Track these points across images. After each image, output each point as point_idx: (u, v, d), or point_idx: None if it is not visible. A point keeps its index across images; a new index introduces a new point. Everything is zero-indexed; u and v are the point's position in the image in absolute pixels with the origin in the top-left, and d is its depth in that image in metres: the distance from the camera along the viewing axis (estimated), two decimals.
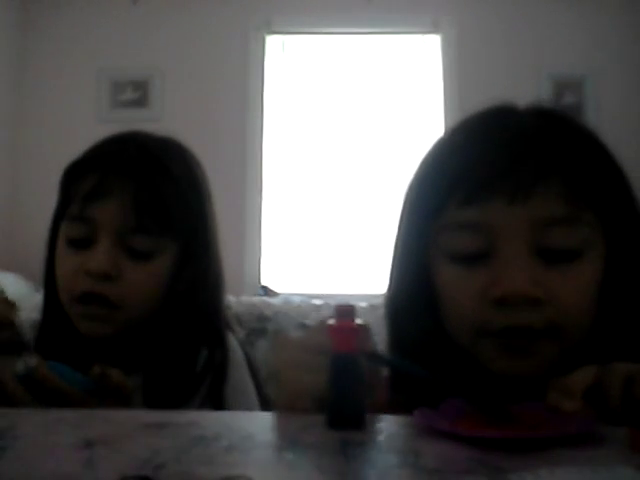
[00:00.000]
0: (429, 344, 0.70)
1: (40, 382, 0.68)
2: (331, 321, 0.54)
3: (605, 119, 3.42)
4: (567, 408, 0.53)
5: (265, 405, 0.92)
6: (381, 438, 0.50)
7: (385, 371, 0.64)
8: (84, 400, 0.69)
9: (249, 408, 0.88)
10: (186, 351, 0.87)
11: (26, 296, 2.72)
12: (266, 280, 3.44)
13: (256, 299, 3.11)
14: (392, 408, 0.70)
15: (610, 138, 0.73)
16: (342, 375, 0.53)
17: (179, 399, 0.83)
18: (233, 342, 0.94)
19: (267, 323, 2.91)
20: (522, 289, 0.62)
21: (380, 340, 0.60)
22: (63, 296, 0.86)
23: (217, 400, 0.86)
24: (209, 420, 0.57)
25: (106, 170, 0.85)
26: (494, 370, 0.66)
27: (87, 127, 3.39)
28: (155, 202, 0.84)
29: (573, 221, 0.65)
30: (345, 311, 0.54)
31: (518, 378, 0.66)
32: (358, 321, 0.54)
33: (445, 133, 0.74)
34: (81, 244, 0.85)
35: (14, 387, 0.68)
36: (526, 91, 3.35)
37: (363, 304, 2.89)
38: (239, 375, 0.91)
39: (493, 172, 0.65)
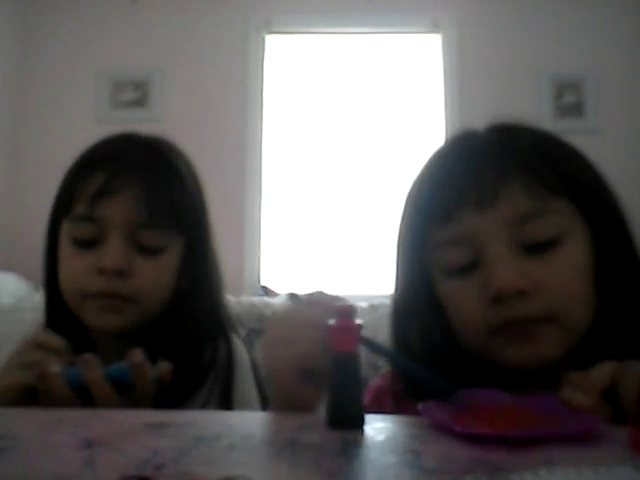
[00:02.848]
0: (433, 347, 0.73)
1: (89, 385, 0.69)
2: (331, 321, 0.54)
3: (605, 119, 3.43)
4: (579, 403, 0.53)
5: (266, 406, 0.92)
6: (381, 438, 0.50)
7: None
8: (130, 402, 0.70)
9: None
10: (191, 346, 0.88)
11: (26, 296, 2.72)
12: (266, 280, 3.44)
13: (256, 299, 3.11)
14: (397, 400, 0.72)
15: (610, 138, 0.74)
16: (342, 375, 0.53)
17: (184, 393, 0.83)
18: (238, 344, 0.95)
19: None
20: (511, 283, 0.66)
21: (380, 340, 0.61)
22: (72, 296, 0.86)
23: (223, 402, 0.87)
24: (209, 420, 0.57)
25: (113, 169, 0.86)
26: (508, 363, 0.68)
27: (87, 127, 3.39)
28: (166, 198, 0.86)
29: (541, 213, 0.68)
30: (345, 311, 0.54)
31: (533, 370, 0.68)
32: (358, 321, 0.54)
33: (425, 162, 0.79)
34: (89, 244, 0.85)
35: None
36: (526, 91, 3.38)
37: (363, 304, 2.89)
38: (244, 383, 0.92)
39: (460, 188, 0.71)
